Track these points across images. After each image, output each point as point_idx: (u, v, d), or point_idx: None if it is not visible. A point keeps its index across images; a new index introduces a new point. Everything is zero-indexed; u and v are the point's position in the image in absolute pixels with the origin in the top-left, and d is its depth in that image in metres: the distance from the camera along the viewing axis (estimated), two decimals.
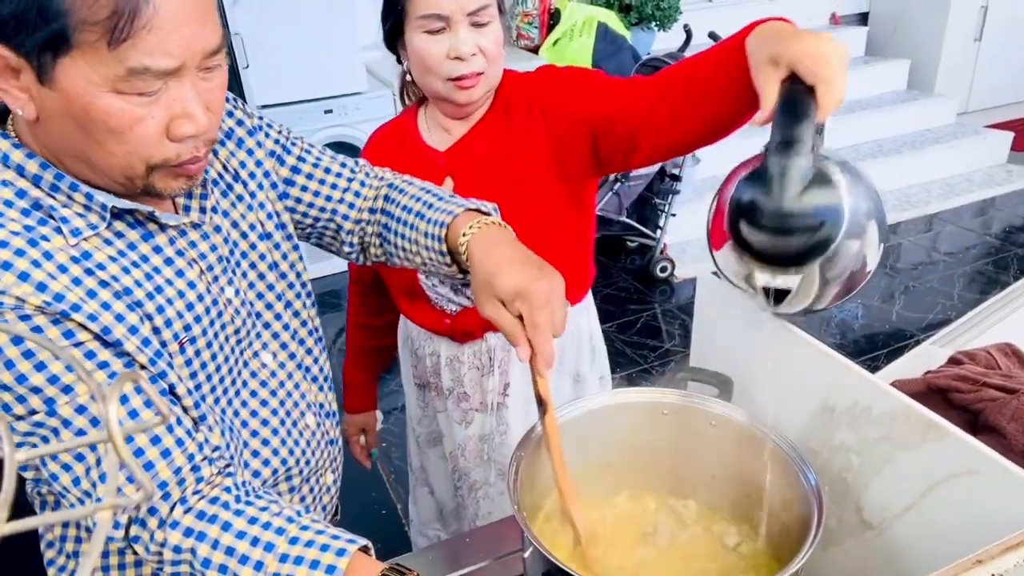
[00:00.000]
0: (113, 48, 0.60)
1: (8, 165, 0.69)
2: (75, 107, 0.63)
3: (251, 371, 0.87)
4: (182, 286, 0.77)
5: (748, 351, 0.94)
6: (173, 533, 0.69)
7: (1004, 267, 3.56)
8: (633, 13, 3.92)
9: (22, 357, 0.64)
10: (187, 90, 0.66)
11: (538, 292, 0.74)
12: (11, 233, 0.66)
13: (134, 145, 0.66)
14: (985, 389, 1.06)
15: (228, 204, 0.85)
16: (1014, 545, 0.55)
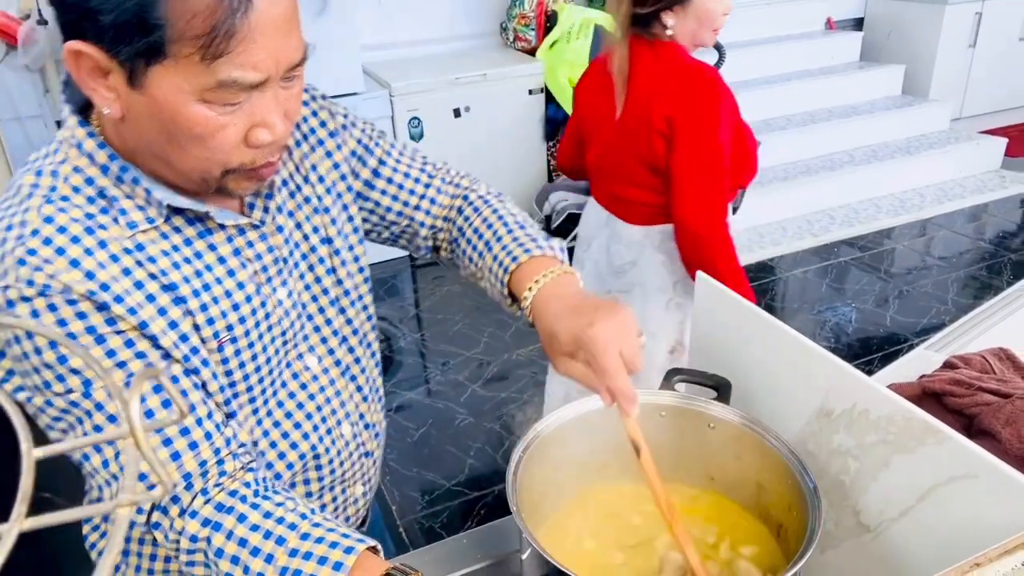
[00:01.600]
0: (207, 63, 0.62)
1: (82, 152, 0.72)
2: (162, 112, 0.65)
3: (293, 372, 0.88)
4: (231, 286, 0.78)
5: (746, 353, 0.95)
6: (192, 522, 0.70)
7: (998, 272, 3.58)
8: None
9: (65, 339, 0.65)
10: (268, 100, 0.69)
11: (593, 339, 0.74)
12: (72, 220, 0.69)
13: (214, 151, 0.69)
14: (980, 393, 1.07)
15: (294, 205, 0.87)
16: (1012, 548, 0.55)
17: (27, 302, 0.66)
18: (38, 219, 0.68)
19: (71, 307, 0.67)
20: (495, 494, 2.38)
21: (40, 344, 0.67)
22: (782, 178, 4.24)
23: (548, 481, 0.88)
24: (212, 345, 0.77)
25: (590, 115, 1.71)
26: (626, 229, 1.69)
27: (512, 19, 4.03)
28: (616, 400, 0.75)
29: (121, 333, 0.70)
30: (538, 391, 2.85)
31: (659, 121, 1.53)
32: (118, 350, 0.69)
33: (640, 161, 1.59)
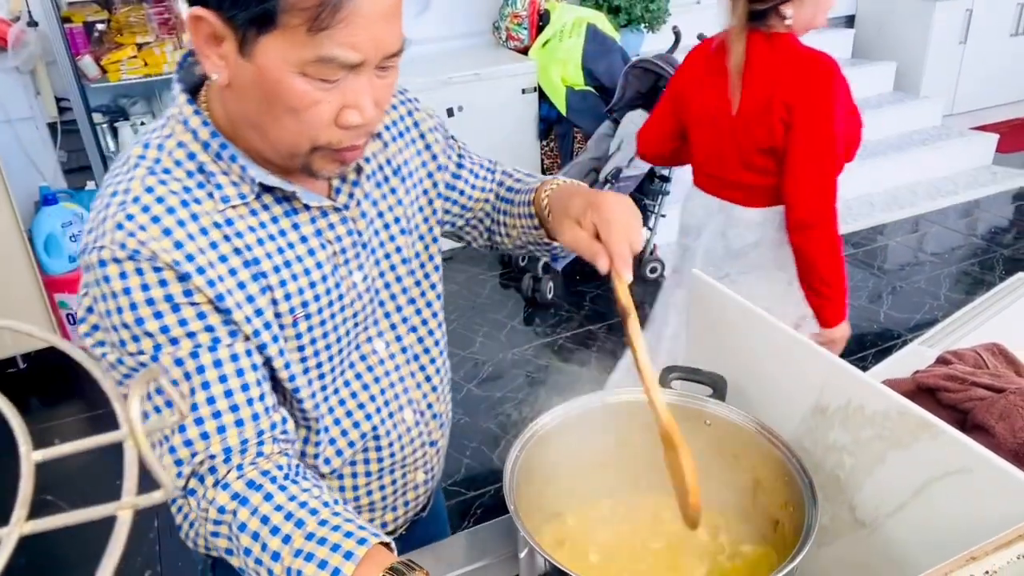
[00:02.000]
0: (311, 35, 0.66)
1: (187, 128, 0.78)
2: (265, 81, 0.70)
3: (361, 354, 0.92)
4: (310, 264, 0.82)
5: (741, 350, 0.95)
6: (223, 494, 0.73)
7: (990, 267, 3.59)
8: (622, 15, 3.93)
9: (145, 304, 0.73)
10: (363, 83, 0.72)
11: (604, 201, 0.83)
12: (170, 192, 0.75)
13: (306, 125, 0.72)
14: (974, 388, 1.07)
15: (379, 195, 0.91)
16: (1007, 542, 0.55)
17: (117, 263, 0.72)
18: (140, 188, 0.75)
19: (156, 274, 0.72)
20: (491, 494, 2.38)
21: (123, 304, 0.72)
22: None
23: (545, 480, 0.88)
24: (287, 320, 0.81)
25: (698, 109, 1.76)
26: (745, 213, 1.75)
27: (505, 18, 4.02)
28: (612, 262, 0.80)
29: (195, 305, 0.74)
30: (533, 390, 2.86)
31: (779, 108, 1.59)
32: (190, 320, 0.74)
33: (760, 147, 1.65)
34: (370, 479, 0.96)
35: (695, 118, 1.78)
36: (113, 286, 0.72)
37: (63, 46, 2.95)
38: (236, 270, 0.76)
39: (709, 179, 1.81)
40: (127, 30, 3.13)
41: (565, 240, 0.86)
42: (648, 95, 3.43)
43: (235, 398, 0.75)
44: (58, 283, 3.07)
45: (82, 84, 3.04)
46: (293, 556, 0.68)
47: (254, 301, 0.77)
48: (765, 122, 1.61)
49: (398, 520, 1.04)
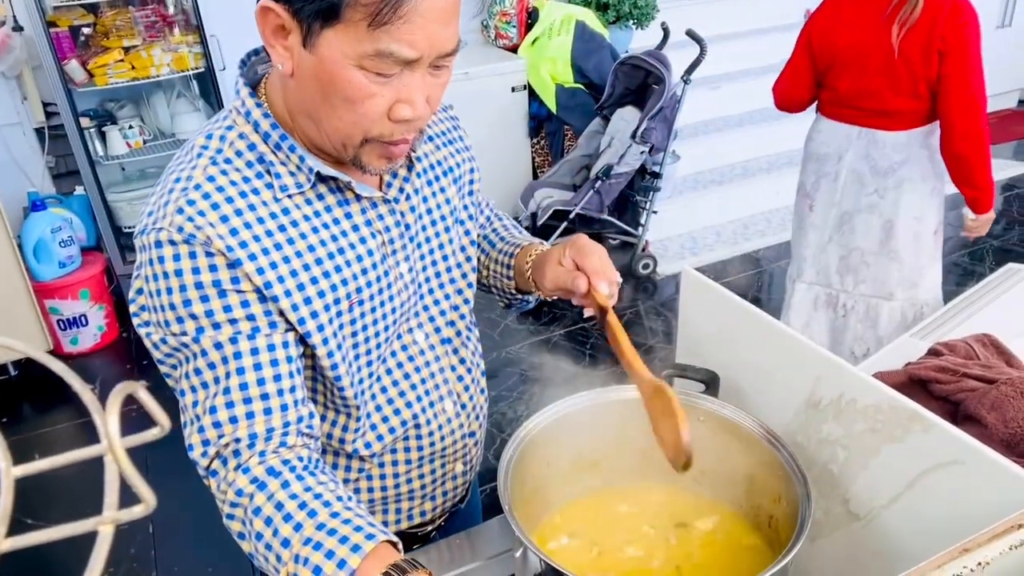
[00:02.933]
0: (371, 30, 0.69)
1: (248, 120, 0.82)
2: (325, 72, 0.73)
3: (403, 344, 0.95)
4: (362, 251, 0.86)
5: (733, 346, 0.95)
6: (243, 477, 0.75)
7: (979, 259, 3.61)
8: (610, 11, 3.93)
9: (194, 287, 0.76)
10: (417, 80, 0.75)
11: (580, 238, 0.91)
12: (230, 182, 0.79)
13: (360, 116, 0.76)
14: (965, 380, 1.08)
15: (429, 192, 0.95)
16: (1000, 533, 0.56)
17: (173, 245, 0.75)
18: (202, 176, 0.79)
19: (208, 258, 0.76)
20: (487, 492, 2.38)
21: (173, 285, 0.76)
22: (766, 169, 4.26)
23: (540, 478, 0.88)
24: (344, 305, 0.85)
25: (846, 50, 2.05)
26: (891, 136, 2.07)
27: (493, 16, 4.02)
28: (589, 278, 0.87)
29: (241, 293, 0.78)
30: (527, 388, 2.86)
31: (937, 41, 1.91)
32: (234, 307, 0.78)
33: (916, 77, 1.97)
34: (410, 467, 0.99)
35: (841, 59, 2.07)
36: (166, 267, 0.76)
37: (49, 51, 2.93)
38: (289, 258, 0.80)
39: (850, 111, 2.12)
40: (113, 34, 3.12)
41: (547, 281, 0.93)
42: (638, 91, 3.44)
43: (267, 387, 0.78)
44: (48, 289, 3.05)
45: (69, 88, 3.03)
46: (302, 544, 0.69)
47: (304, 289, 0.81)
48: (924, 53, 1.93)
49: (436, 509, 1.05)
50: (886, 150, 2.08)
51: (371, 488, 0.98)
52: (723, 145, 4.30)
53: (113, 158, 3.26)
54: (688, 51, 3.24)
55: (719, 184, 4.11)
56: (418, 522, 1.04)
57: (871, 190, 2.12)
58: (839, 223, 2.22)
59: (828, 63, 2.11)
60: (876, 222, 2.14)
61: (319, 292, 0.82)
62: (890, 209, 2.11)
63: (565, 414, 0.88)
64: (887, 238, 2.14)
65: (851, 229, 2.19)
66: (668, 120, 3.26)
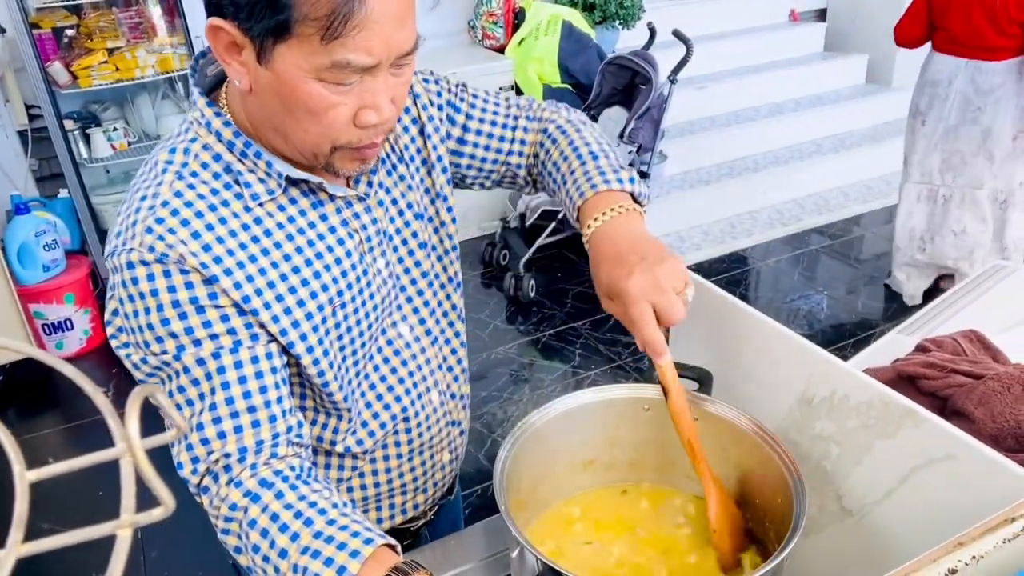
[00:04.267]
0: (325, 43, 0.68)
1: (210, 131, 0.79)
2: (283, 87, 0.72)
3: (387, 339, 0.94)
4: (340, 253, 0.84)
5: (726, 344, 0.95)
6: (236, 491, 0.74)
7: None
8: (597, 12, 3.94)
9: (171, 305, 0.74)
10: (379, 84, 0.74)
11: (625, 291, 0.77)
12: (198, 195, 0.77)
13: (326, 126, 0.74)
14: (953, 375, 1.09)
15: (391, 182, 0.93)
16: (993, 527, 0.56)
17: (145, 266, 0.74)
18: (169, 192, 0.76)
19: (183, 276, 0.74)
20: (479, 493, 2.38)
21: (150, 305, 0.74)
22: (752, 169, 4.29)
23: (535, 478, 0.88)
24: (328, 310, 0.83)
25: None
26: (994, 66, 2.81)
27: (480, 17, 4.02)
28: (645, 349, 0.79)
29: (219, 308, 0.76)
30: (518, 388, 2.86)
31: None
32: (214, 322, 0.76)
33: (1011, 20, 2.67)
34: (401, 460, 0.99)
35: (954, 6, 2.77)
36: (141, 287, 0.74)
37: (32, 52, 2.90)
38: (265, 270, 0.78)
39: (958, 46, 2.84)
40: (97, 35, 3.09)
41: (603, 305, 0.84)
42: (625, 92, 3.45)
43: (253, 399, 0.77)
44: (32, 293, 3.02)
45: (52, 91, 3.00)
46: (300, 553, 0.69)
47: (283, 300, 0.79)
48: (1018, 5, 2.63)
49: (428, 502, 1.06)
50: (988, 76, 2.82)
51: (364, 485, 0.98)
52: (709, 145, 4.32)
53: (97, 160, 3.24)
54: (674, 51, 3.26)
55: (706, 184, 4.13)
56: (411, 516, 1.05)
57: (975, 107, 2.87)
58: (945, 134, 2.96)
59: (943, 10, 2.82)
60: (976, 131, 2.89)
61: (299, 301, 0.81)
62: (989, 120, 2.86)
63: (559, 414, 0.88)
64: (983, 141, 2.89)
65: (956, 138, 2.94)
66: (655, 120, 3.27)
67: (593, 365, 2.93)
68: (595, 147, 0.94)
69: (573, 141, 0.96)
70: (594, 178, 0.90)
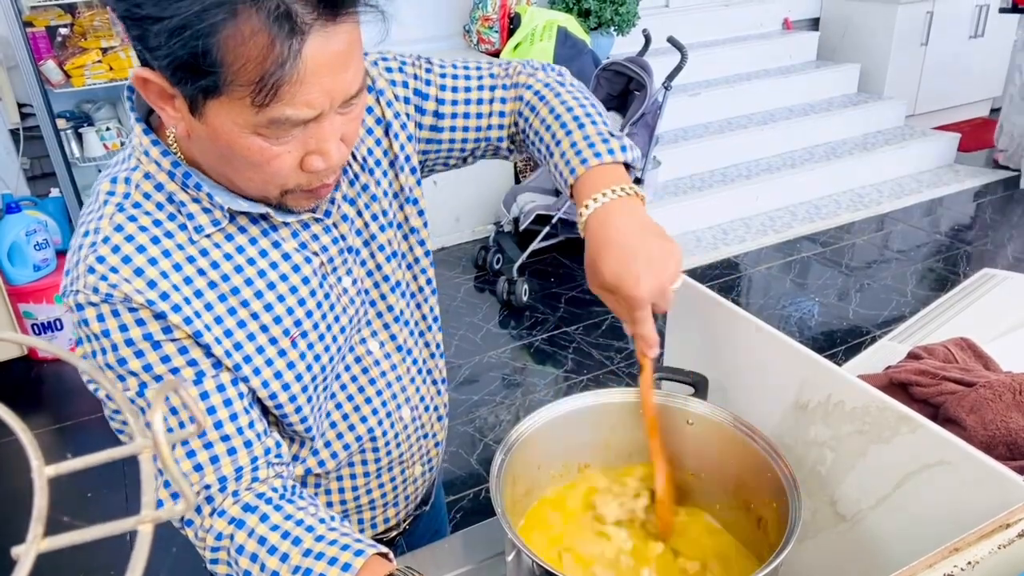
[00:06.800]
0: (256, 108, 0.64)
1: (150, 159, 0.75)
2: (219, 140, 0.68)
3: (356, 356, 0.91)
4: (296, 281, 0.80)
5: (721, 349, 0.96)
6: (220, 520, 0.73)
7: (954, 264, 3.67)
8: (592, 18, 3.96)
9: (124, 344, 0.71)
10: (324, 129, 0.69)
11: (636, 297, 0.77)
12: (140, 228, 0.73)
13: (270, 175, 0.70)
14: (944, 383, 1.10)
15: (354, 193, 0.87)
16: (988, 532, 0.57)
17: (93, 307, 0.71)
18: (109, 227, 0.72)
19: (131, 314, 0.71)
20: (470, 497, 2.37)
21: (105, 345, 0.72)
22: (744, 176, 4.31)
23: (531, 482, 0.88)
24: (285, 343, 0.80)
25: None
26: None
27: (475, 21, 4.02)
28: (637, 343, 0.81)
29: (176, 341, 0.73)
30: (510, 393, 2.86)
31: None
32: (172, 356, 0.73)
33: None
34: (368, 478, 0.96)
35: None
36: (92, 328, 0.71)
37: (25, 51, 2.89)
38: (212, 304, 0.75)
39: None
40: (91, 34, 3.08)
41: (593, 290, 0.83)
42: (620, 98, 3.46)
43: (225, 428, 0.75)
44: (23, 293, 3.00)
45: (45, 89, 2.98)
46: (292, 573, 0.68)
47: (232, 335, 0.76)
48: None
49: (399, 515, 1.04)
50: None
51: (330, 503, 0.96)
52: (703, 152, 4.34)
53: (90, 160, 3.22)
54: (669, 58, 3.27)
55: (699, 190, 4.15)
56: (383, 529, 1.03)
57: None
58: None
59: None
60: None
61: (249, 335, 0.77)
62: None
63: (555, 417, 0.88)
64: None
65: None
66: (649, 126, 3.28)
67: (586, 370, 2.93)
68: (579, 111, 0.88)
69: (554, 108, 0.89)
70: (584, 151, 0.84)
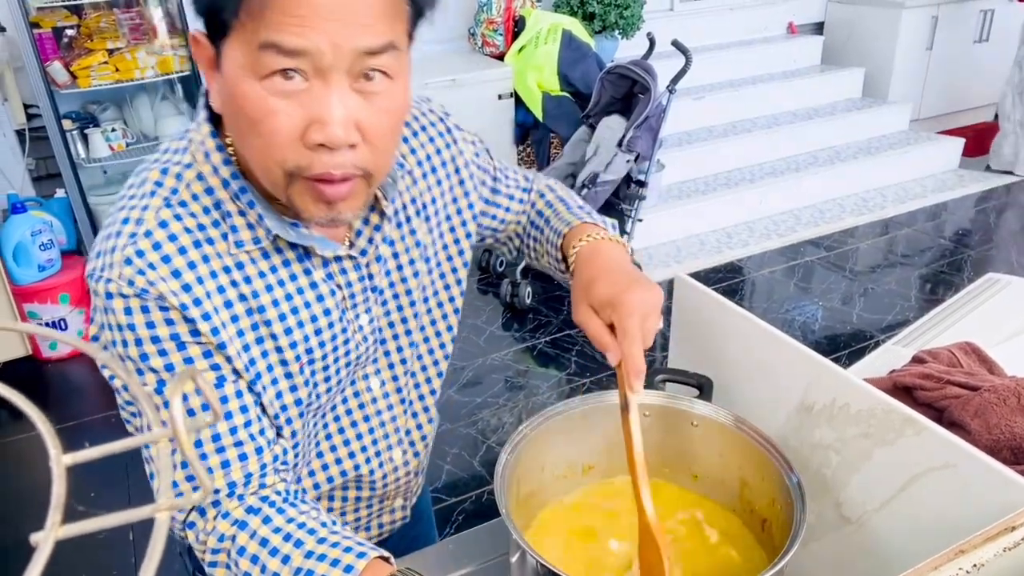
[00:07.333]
0: (251, 24, 0.61)
1: (208, 161, 0.74)
2: (227, 92, 0.66)
3: (355, 391, 0.90)
4: (318, 311, 0.79)
5: (727, 351, 0.96)
6: (223, 522, 0.72)
7: (958, 269, 3.67)
8: (596, 21, 3.96)
9: (150, 341, 0.71)
10: (328, 93, 0.64)
11: (628, 302, 0.76)
12: (184, 229, 0.72)
13: (265, 140, 0.65)
14: (949, 387, 1.09)
15: (398, 235, 0.87)
16: (994, 535, 0.57)
17: (123, 298, 0.69)
18: (154, 221, 0.71)
19: (162, 313, 0.70)
20: (472, 499, 2.38)
21: (128, 339, 0.70)
22: (748, 180, 4.31)
23: (535, 483, 0.88)
24: (294, 367, 0.79)
25: None
26: None
27: (480, 24, 4.03)
28: (624, 365, 0.76)
29: (201, 344, 0.73)
30: (513, 395, 2.86)
31: None
32: (196, 359, 0.73)
33: None
34: (345, 503, 0.96)
35: None
36: (119, 319, 0.70)
37: (32, 52, 2.90)
38: (238, 317, 0.74)
39: None
40: (97, 35, 3.09)
41: (577, 319, 0.81)
42: (624, 100, 3.46)
43: (239, 434, 0.75)
44: (27, 293, 3.01)
45: (51, 90, 3.00)
46: (293, 575, 0.68)
47: (250, 350, 0.76)
48: None
49: (373, 539, 1.03)
50: None
51: None
52: (707, 155, 4.34)
53: (95, 161, 3.23)
54: (673, 61, 3.27)
55: (703, 193, 4.15)
56: None
57: None
58: None
59: None
60: None
61: (263, 352, 0.77)
62: None
63: (559, 419, 0.88)
64: None
65: None
66: (653, 129, 3.28)
67: (589, 373, 2.93)
68: (571, 201, 1.00)
69: (558, 193, 1.02)
70: (577, 214, 0.95)
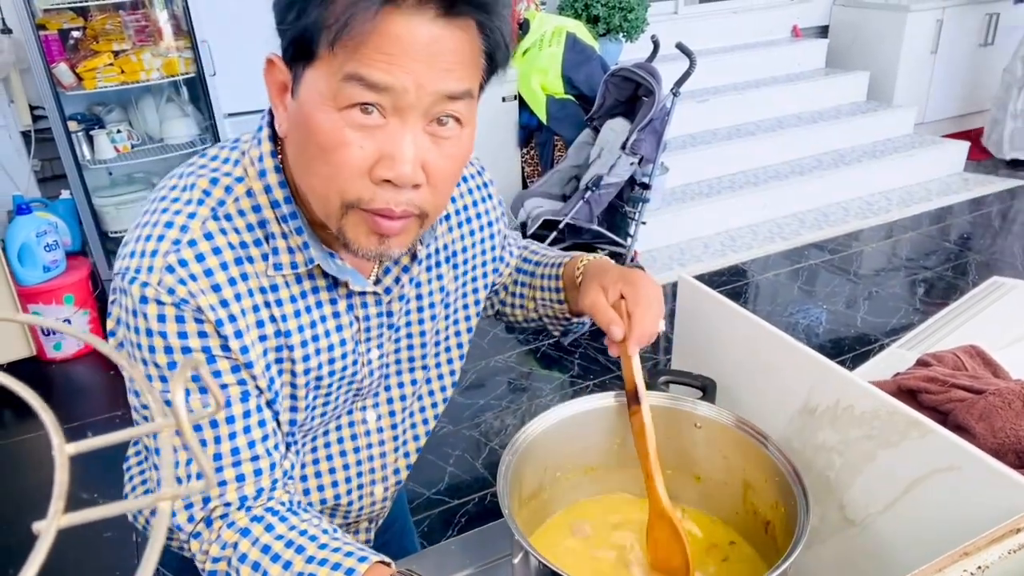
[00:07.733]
0: (336, 54, 0.62)
1: (261, 179, 0.74)
2: (302, 116, 0.66)
3: (350, 420, 0.91)
4: (335, 341, 0.81)
5: (730, 353, 0.96)
6: (228, 531, 0.73)
7: (963, 272, 3.66)
8: (601, 24, 3.97)
9: (180, 351, 0.70)
10: (404, 131, 0.65)
11: (639, 277, 0.84)
12: (228, 244, 0.72)
13: (334, 169, 0.66)
14: (953, 390, 1.09)
15: (426, 278, 0.89)
16: (999, 537, 0.56)
17: (159, 305, 0.69)
18: (200, 231, 0.71)
19: (197, 325, 0.70)
20: (475, 501, 2.37)
21: (156, 345, 0.70)
22: (752, 183, 4.30)
23: (537, 484, 0.88)
24: (301, 392, 0.80)
25: None
26: None
27: None
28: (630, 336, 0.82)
29: (230, 359, 0.73)
30: (516, 397, 2.85)
31: None
32: (223, 372, 0.73)
33: None
34: None
35: None
36: (150, 324, 0.69)
37: (38, 53, 2.91)
38: (266, 337, 0.75)
39: None
40: (103, 37, 3.10)
41: (585, 303, 0.85)
42: (628, 103, 3.46)
43: (256, 448, 0.75)
44: (32, 294, 3.02)
45: (57, 92, 3.01)
46: None
47: (270, 369, 0.77)
48: None
49: None
50: None
51: None
52: (711, 158, 4.34)
53: (100, 162, 3.24)
54: (677, 64, 3.27)
55: (707, 196, 4.15)
56: None
57: None
58: None
59: None
60: None
61: (280, 371, 0.78)
62: None
63: (562, 420, 0.88)
64: None
65: None
66: (657, 132, 3.28)
67: (592, 375, 2.93)
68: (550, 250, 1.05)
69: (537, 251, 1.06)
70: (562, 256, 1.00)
